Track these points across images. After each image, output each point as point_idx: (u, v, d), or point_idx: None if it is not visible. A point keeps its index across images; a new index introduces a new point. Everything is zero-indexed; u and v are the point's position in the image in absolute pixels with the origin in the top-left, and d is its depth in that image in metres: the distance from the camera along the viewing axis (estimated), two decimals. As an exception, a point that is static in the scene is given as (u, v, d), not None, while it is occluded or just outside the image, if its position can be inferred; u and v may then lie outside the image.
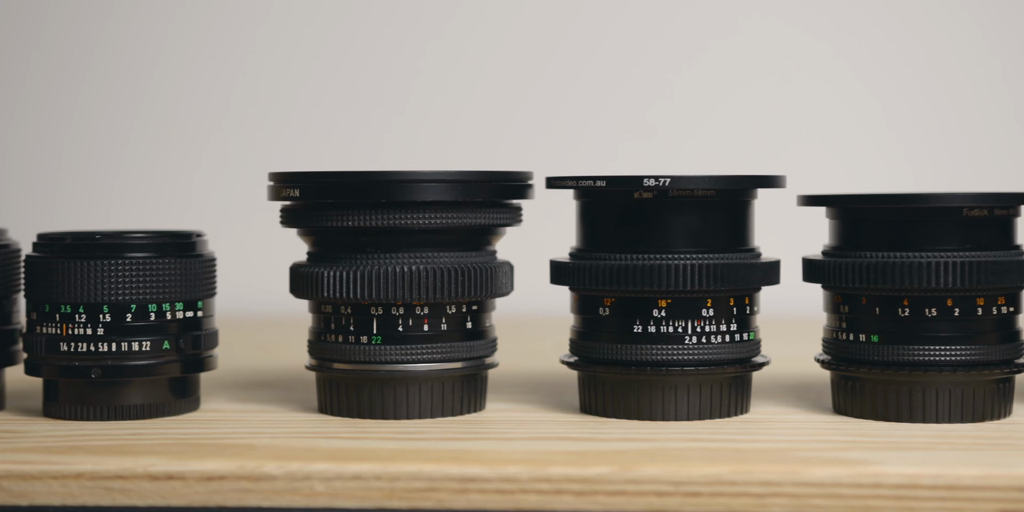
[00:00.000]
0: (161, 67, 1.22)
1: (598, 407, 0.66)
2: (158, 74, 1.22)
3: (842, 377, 0.66)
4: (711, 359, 0.64)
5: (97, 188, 1.23)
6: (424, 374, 0.65)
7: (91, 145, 1.23)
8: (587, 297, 0.66)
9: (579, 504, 0.53)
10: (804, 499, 0.52)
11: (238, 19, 1.22)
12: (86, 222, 1.14)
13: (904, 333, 0.63)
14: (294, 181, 0.65)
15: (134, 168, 1.22)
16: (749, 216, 0.66)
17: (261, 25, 1.22)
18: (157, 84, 1.22)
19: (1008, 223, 0.65)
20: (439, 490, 0.54)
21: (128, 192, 1.22)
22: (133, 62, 1.22)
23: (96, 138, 1.23)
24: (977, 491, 0.52)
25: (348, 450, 0.57)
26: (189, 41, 1.22)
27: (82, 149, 1.23)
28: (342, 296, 0.64)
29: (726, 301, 0.65)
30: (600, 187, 0.64)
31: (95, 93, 1.23)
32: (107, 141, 1.23)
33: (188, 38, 1.22)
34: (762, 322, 0.67)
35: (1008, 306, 0.64)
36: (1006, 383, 0.65)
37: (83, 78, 1.23)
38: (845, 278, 0.64)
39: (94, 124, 1.23)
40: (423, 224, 0.64)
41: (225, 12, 1.22)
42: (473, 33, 1.21)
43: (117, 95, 1.23)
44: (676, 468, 0.53)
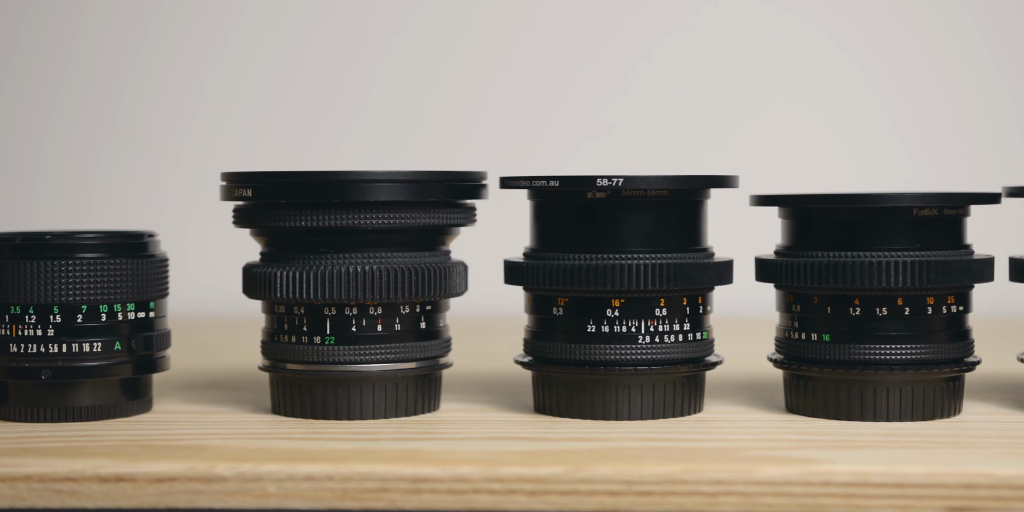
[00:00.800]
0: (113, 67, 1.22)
1: (552, 407, 0.66)
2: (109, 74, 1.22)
3: (794, 376, 0.66)
4: (664, 359, 0.64)
5: (48, 188, 1.22)
6: (377, 374, 0.65)
7: (42, 145, 1.22)
8: (541, 297, 0.66)
9: (531, 504, 0.53)
10: (755, 498, 0.53)
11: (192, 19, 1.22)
12: (36, 222, 1.13)
13: (855, 332, 0.64)
14: (247, 181, 0.65)
15: (85, 168, 1.22)
16: (702, 216, 0.67)
17: (217, 25, 1.22)
18: (108, 84, 1.22)
19: (957, 223, 0.65)
20: (391, 490, 0.54)
21: (79, 192, 1.21)
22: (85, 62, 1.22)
23: (47, 138, 1.22)
24: (925, 489, 0.52)
25: (300, 451, 0.57)
26: (141, 41, 1.21)
27: (32, 149, 1.22)
28: (295, 296, 0.64)
29: (679, 301, 0.65)
30: (553, 187, 0.65)
31: (45, 93, 1.22)
32: (58, 141, 1.22)
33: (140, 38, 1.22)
34: (715, 321, 0.67)
35: (958, 305, 0.65)
36: (956, 382, 0.65)
37: (33, 79, 1.22)
38: (797, 278, 0.64)
39: (44, 124, 1.22)
40: (376, 224, 0.64)
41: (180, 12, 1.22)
42: (430, 35, 1.21)
43: (68, 95, 1.22)
44: (628, 467, 0.53)
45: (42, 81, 1.22)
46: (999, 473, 0.52)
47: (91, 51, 1.22)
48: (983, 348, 0.68)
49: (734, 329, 0.81)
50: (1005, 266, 0.67)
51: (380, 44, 1.21)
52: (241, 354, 0.85)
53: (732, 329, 0.80)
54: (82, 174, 1.22)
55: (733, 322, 0.83)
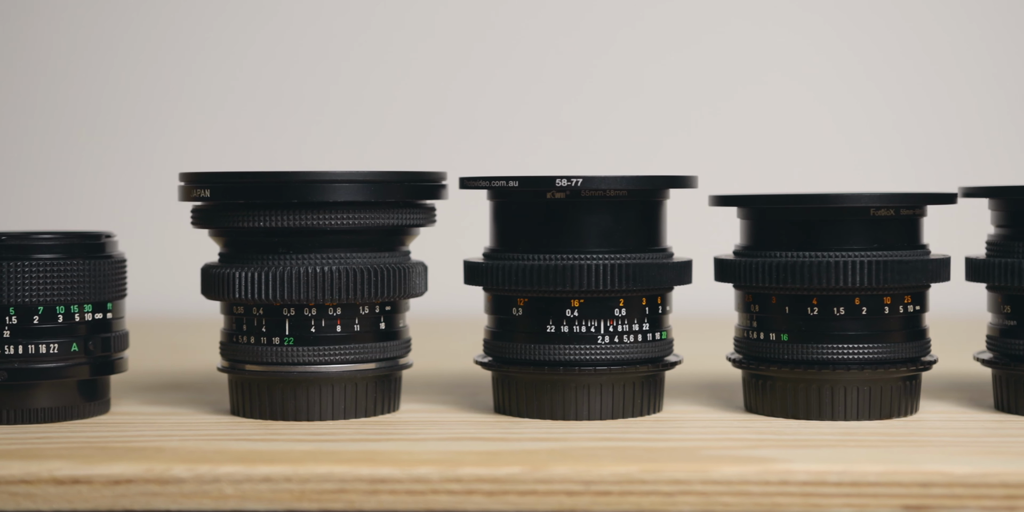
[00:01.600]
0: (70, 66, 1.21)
1: (511, 407, 0.66)
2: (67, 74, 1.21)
3: (753, 376, 0.66)
4: (623, 358, 0.64)
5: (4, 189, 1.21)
6: (337, 375, 0.64)
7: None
8: (500, 297, 0.66)
9: (489, 504, 0.53)
10: (713, 497, 0.53)
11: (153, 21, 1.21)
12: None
13: (813, 332, 0.64)
14: (205, 181, 0.65)
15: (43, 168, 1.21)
16: (661, 216, 0.67)
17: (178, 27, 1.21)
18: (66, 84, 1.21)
19: (914, 223, 0.66)
20: (349, 491, 0.53)
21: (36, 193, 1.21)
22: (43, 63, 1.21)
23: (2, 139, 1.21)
24: (881, 487, 0.53)
25: (258, 452, 0.57)
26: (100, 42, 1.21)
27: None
28: (254, 297, 0.64)
29: (638, 301, 0.65)
30: (513, 187, 0.65)
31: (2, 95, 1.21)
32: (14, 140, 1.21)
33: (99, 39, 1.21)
34: (675, 321, 0.68)
35: (914, 305, 0.65)
36: (913, 380, 0.66)
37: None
38: (755, 278, 0.65)
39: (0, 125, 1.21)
40: (335, 225, 0.64)
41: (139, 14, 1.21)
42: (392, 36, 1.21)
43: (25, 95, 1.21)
44: (586, 467, 0.54)
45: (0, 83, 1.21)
46: (954, 471, 0.53)
47: (49, 52, 1.21)
48: (940, 347, 0.68)
49: (693, 329, 0.81)
50: (961, 266, 0.67)
51: (342, 45, 1.21)
52: (200, 355, 0.85)
53: (691, 329, 0.80)
54: (39, 174, 1.21)
55: (692, 322, 0.83)
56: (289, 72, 1.21)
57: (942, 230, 0.75)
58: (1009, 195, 0.66)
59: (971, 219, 0.77)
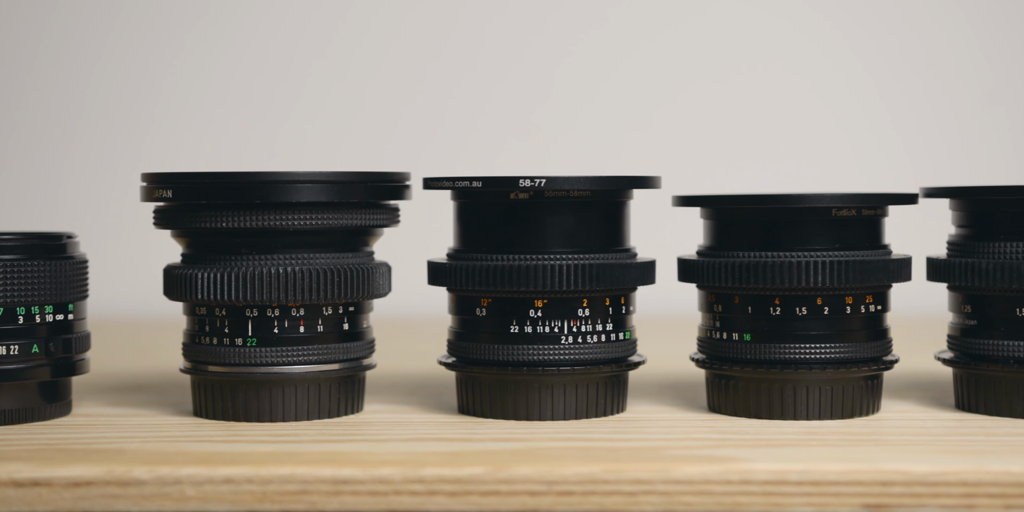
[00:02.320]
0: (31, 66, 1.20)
1: (475, 408, 0.66)
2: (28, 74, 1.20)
3: (716, 375, 0.67)
4: (587, 359, 0.65)
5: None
6: (300, 376, 0.64)
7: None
8: (464, 298, 0.66)
9: (452, 504, 0.53)
10: (674, 497, 0.53)
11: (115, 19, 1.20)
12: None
13: (775, 332, 0.64)
14: (167, 182, 0.64)
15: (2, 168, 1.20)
16: (624, 216, 0.67)
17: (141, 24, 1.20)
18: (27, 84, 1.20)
19: (876, 223, 0.66)
20: (311, 493, 0.53)
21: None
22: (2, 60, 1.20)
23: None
24: (842, 486, 0.53)
25: (220, 453, 0.57)
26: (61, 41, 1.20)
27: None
28: (216, 298, 0.63)
29: (602, 301, 0.65)
30: (476, 188, 0.65)
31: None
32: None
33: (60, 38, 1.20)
34: (638, 321, 0.68)
35: (876, 305, 0.65)
36: (874, 380, 0.66)
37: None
38: (718, 278, 0.65)
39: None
40: (298, 225, 0.63)
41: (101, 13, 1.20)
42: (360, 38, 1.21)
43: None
44: (549, 468, 0.54)
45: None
46: (914, 470, 0.53)
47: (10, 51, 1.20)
48: (901, 347, 0.69)
49: (657, 329, 0.82)
50: (923, 266, 0.68)
51: (309, 46, 1.21)
52: (163, 356, 0.85)
53: (655, 329, 0.80)
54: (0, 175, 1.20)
55: (656, 322, 0.83)
56: (255, 72, 1.21)
57: (903, 230, 0.76)
58: (969, 195, 0.66)
59: (932, 219, 0.78)
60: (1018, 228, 0.65)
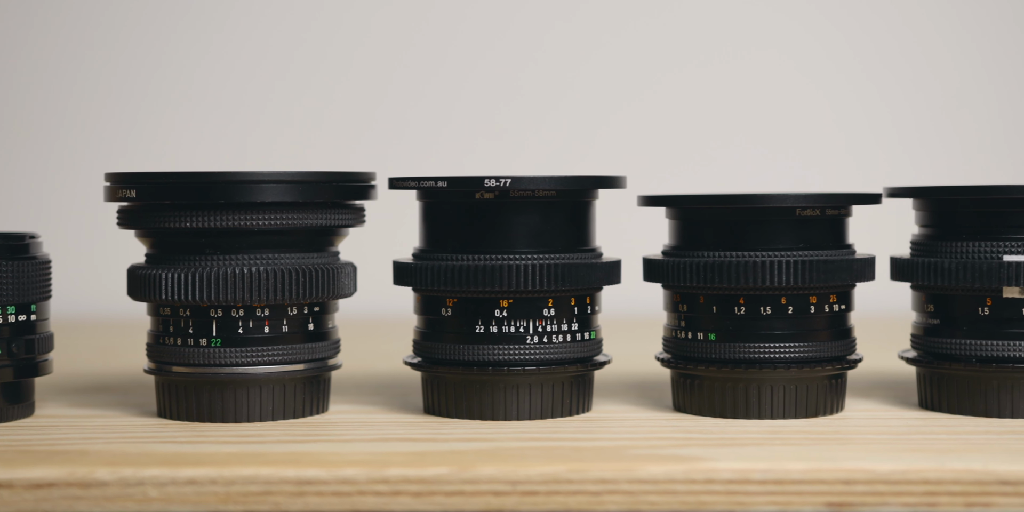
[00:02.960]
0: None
1: (441, 408, 0.66)
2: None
3: (681, 375, 0.67)
4: (552, 358, 0.65)
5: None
6: (265, 376, 0.64)
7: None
8: (429, 298, 0.66)
9: (416, 505, 0.53)
10: (639, 496, 0.53)
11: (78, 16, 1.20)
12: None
13: (740, 331, 0.65)
14: (130, 182, 0.64)
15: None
16: (590, 216, 0.67)
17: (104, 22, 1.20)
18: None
19: (840, 223, 0.66)
20: (275, 493, 0.53)
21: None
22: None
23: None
24: (805, 485, 0.53)
25: (184, 454, 0.56)
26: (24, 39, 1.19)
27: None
28: (180, 298, 0.63)
29: (567, 301, 0.65)
30: (442, 188, 0.65)
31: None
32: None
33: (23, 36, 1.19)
34: (603, 321, 0.68)
35: (840, 304, 0.66)
36: (838, 379, 0.66)
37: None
38: (683, 277, 0.65)
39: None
40: (263, 225, 0.63)
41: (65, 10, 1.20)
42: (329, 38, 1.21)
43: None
44: (513, 467, 0.54)
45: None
46: (876, 469, 0.53)
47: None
48: (865, 346, 0.69)
49: (622, 329, 0.82)
50: (886, 265, 0.68)
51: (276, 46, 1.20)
52: (127, 357, 0.84)
53: (620, 329, 0.80)
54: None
55: (621, 322, 0.83)
56: (223, 73, 1.20)
57: (867, 230, 0.76)
58: (932, 195, 0.67)
59: (896, 219, 0.78)
60: (980, 228, 0.65)
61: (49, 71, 1.19)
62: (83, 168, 1.13)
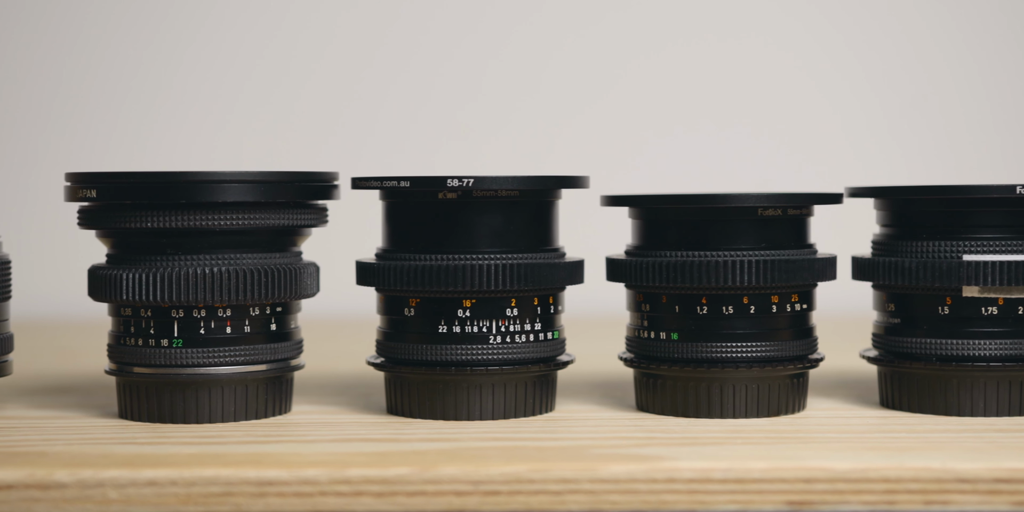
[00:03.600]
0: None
1: (404, 408, 0.66)
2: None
3: (644, 374, 0.67)
4: (516, 358, 0.65)
5: None
6: (227, 377, 0.64)
7: None
8: (392, 298, 0.66)
9: (378, 505, 0.53)
10: (600, 495, 0.53)
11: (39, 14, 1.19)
12: None
13: (702, 331, 0.65)
14: (91, 181, 0.64)
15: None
16: (553, 216, 0.67)
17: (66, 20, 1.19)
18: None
19: (801, 222, 0.67)
20: (236, 494, 0.53)
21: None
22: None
23: None
24: (766, 483, 0.53)
25: (144, 455, 0.56)
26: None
27: None
28: (141, 298, 0.63)
29: (530, 301, 0.65)
30: (404, 187, 0.64)
31: None
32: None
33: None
34: (567, 321, 0.68)
35: (801, 303, 0.66)
36: (800, 378, 0.66)
37: None
38: (646, 277, 0.65)
39: None
40: (224, 225, 0.63)
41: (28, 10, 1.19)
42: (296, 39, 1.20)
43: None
44: (475, 467, 0.54)
45: None
46: (836, 467, 0.53)
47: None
48: (827, 345, 0.70)
49: (586, 328, 0.82)
50: (848, 265, 0.68)
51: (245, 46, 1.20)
52: (89, 358, 0.84)
53: (584, 328, 0.80)
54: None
55: (585, 321, 0.83)
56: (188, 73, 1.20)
57: (829, 230, 0.77)
58: (893, 195, 0.67)
59: (857, 219, 0.79)
60: (940, 227, 0.65)
61: (8, 70, 1.18)
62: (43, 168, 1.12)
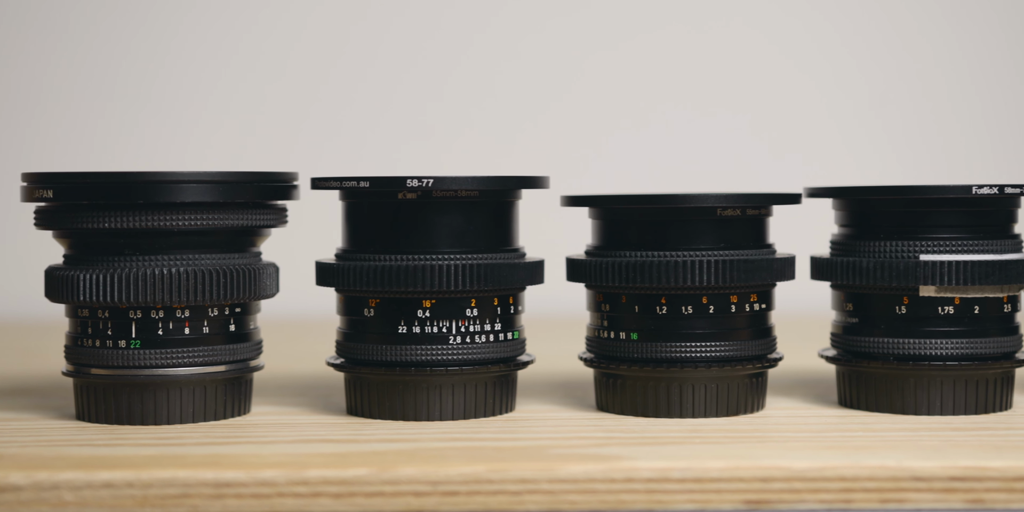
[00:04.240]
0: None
1: (364, 409, 0.66)
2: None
3: (604, 374, 0.67)
4: (476, 359, 0.65)
5: None
6: (185, 378, 0.64)
7: None
8: (352, 298, 0.66)
9: (337, 506, 0.53)
10: (559, 495, 0.53)
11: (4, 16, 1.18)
12: None
13: (662, 330, 0.65)
14: (47, 182, 0.63)
15: None
16: (513, 216, 0.67)
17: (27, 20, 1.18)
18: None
19: (760, 222, 0.67)
20: (193, 496, 0.53)
21: None
22: None
23: None
24: (723, 483, 0.54)
25: (101, 457, 0.56)
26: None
27: None
28: (99, 299, 0.62)
29: (490, 301, 0.65)
30: (364, 188, 0.64)
31: None
32: None
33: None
34: (527, 321, 0.68)
35: (760, 303, 0.66)
36: (759, 378, 0.67)
37: None
38: (605, 277, 0.65)
39: None
40: (183, 225, 0.63)
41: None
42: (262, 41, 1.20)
43: None
44: (434, 468, 0.54)
45: None
46: (793, 466, 0.54)
47: None
48: (786, 345, 0.70)
49: (546, 328, 0.82)
50: (806, 265, 0.69)
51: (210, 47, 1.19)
52: (46, 359, 0.83)
53: (544, 328, 0.80)
54: None
55: (545, 322, 0.83)
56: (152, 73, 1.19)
57: (788, 230, 0.77)
58: (851, 195, 0.68)
59: (815, 219, 0.79)
60: (898, 227, 0.66)
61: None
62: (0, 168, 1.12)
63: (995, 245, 0.66)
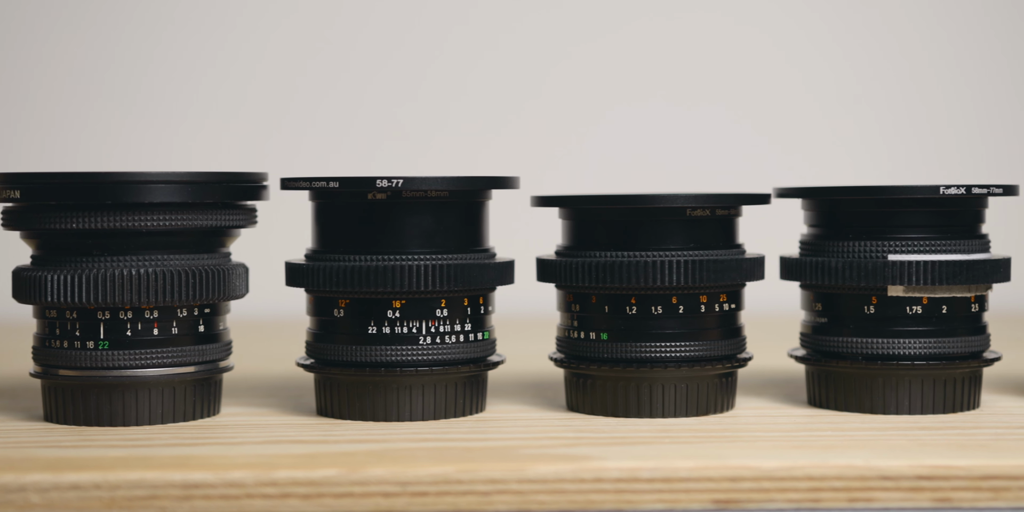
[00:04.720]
0: None
1: (334, 409, 0.66)
2: None
3: (574, 375, 0.67)
4: (446, 359, 0.65)
5: None
6: (154, 379, 0.63)
7: None
8: (322, 299, 0.66)
9: (305, 507, 0.53)
10: (528, 495, 0.53)
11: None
12: None
13: (632, 330, 0.65)
14: (14, 182, 0.63)
15: None
16: (483, 217, 0.67)
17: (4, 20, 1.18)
18: None
19: (730, 223, 0.67)
20: (161, 497, 0.52)
21: None
22: None
23: None
24: (692, 483, 0.54)
25: (68, 459, 0.56)
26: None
27: None
28: (67, 300, 0.62)
29: (460, 301, 0.65)
30: (333, 188, 0.64)
31: None
32: None
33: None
34: (497, 321, 0.68)
35: (730, 303, 0.66)
36: (728, 377, 0.67)
37: None
38: (576, 277, 0.65)
39: None
40: (151, 226, 0.62)
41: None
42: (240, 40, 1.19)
43: None
44: (403, 468, 0.53)
45: None
46: (762, 466, 0.54)
47: None
48: (755, 345, 0.70)
49: (516, 329, 0.82)
50: (776, 265, 0.69)
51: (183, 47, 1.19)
52: (14, 360, 0.83)
53: (514, 329, 0.81)
54: None
55: (515, 322, 0.83)
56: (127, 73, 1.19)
57: (757, 230, 0.77)
58: (820, 195, 0.68)
59: (784, 219, 0.79)
60: (866, 227, 0.66)
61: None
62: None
63: (963, 245, 0.66)
